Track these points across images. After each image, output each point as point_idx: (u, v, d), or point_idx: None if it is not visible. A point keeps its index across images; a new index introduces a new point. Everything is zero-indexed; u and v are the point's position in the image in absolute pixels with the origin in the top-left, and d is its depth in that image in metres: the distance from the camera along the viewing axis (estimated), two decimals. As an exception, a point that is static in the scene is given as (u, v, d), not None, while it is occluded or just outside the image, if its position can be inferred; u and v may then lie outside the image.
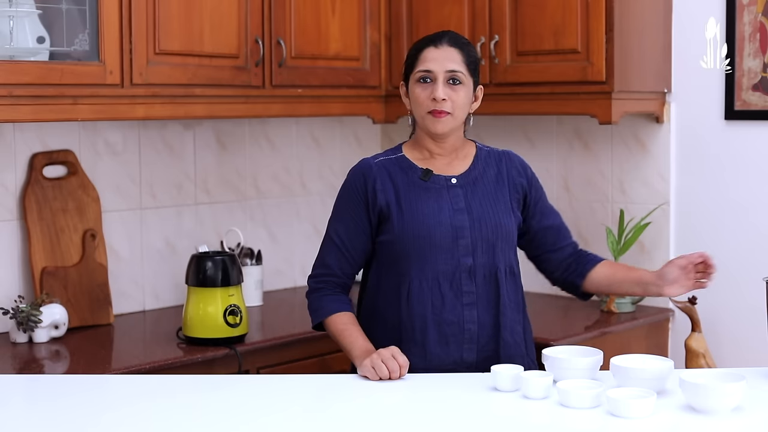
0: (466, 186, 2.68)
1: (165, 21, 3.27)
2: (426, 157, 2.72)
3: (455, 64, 2.64)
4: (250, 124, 3.98)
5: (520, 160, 2.81)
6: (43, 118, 3.06)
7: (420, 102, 2.65)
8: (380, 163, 2.71)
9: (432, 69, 2.63)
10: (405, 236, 2.62)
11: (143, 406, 2.34)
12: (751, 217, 3.62)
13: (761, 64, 3.54)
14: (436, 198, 2.65)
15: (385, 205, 2.65)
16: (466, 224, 2.63)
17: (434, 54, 2.64)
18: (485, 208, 2.66)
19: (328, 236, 2.73)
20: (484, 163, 2.74)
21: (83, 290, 3.42)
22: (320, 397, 2.40)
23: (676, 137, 3.75)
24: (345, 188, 2.72)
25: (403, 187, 2.66)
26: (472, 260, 2.62)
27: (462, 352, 2.62)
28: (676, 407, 2.24)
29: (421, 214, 2.63)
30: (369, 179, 2.67)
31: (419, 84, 2.65)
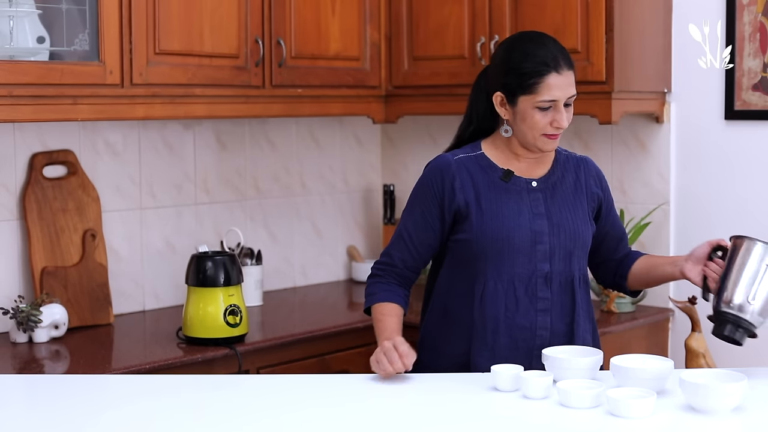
0: (545, 190, 2.66)
1: (165, 21, 3.28)
2: (508, 157, 2.67)
3: (573, 88, 2.59)
4: (250, 124, 3.98)
5: (597, 168, 2.79)
6: (43, 118, 3.06)
7: (539, 127, 2.58)
8: (460, 160, 2.65)
9: (558, 98, 2.56)
10: (484, 237, 2.59)
11: (143, 406, 2.34)
12: (752, 216, 3.62)
13: (761, 64, 3.54)
14: (517, 200, 2.62)
15: (463, 203, 2.61)
16: (546, 230, 2.61)
17: (558, 81, 2.55)
18: (564, 215, 2.64)
19: (398, 229, 2.71)
20: (563, 168, 2.71)
21: (83, 290, 3.42)
22: (320, 397, 2.40)
23: (676, 137, 3.75)
24: (421, 183, 2.68)
25: (484, 187, 2.62)
26: (549, 266, 2.60)
27: (531, 359, 2.58)
28: (676, 407, 2.24)
29: (501, 216, 2.60)
30: (447, 177, 2.63)
31: (539, 110, 2.57)
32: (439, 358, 2.67)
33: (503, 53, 2.65)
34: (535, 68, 2.56)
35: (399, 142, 4.37)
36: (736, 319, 2.47)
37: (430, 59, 3.86)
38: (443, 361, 2.65)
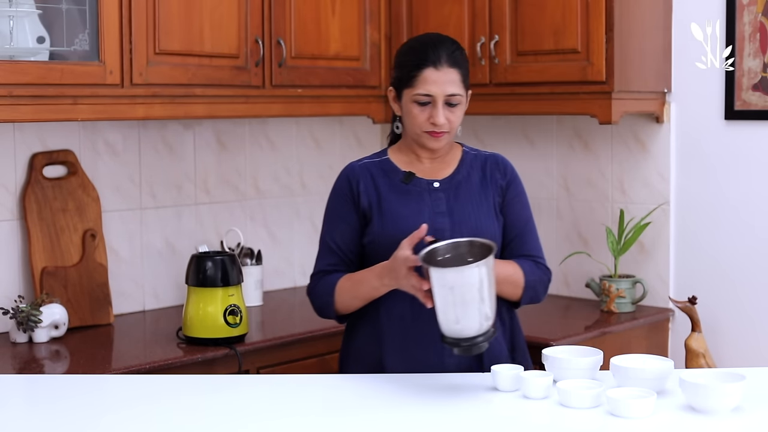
0: (448, 190, 2.65)
1: (165, 21, 3.28)
2: (412, 160, 2.70)
3: (455, 87, 2.59)
4: (250, 124, 3.98)
5: (505, 162, 2.75)
6: (43, 118, 3.06)
7: (418, 122, 2.60)
8: (364, 165, 2.70)
9: (433, 93, 2.58)
10: (384, 238, 2.59)
11: (143, 407, 2.34)
12: (751, 216, 3.62)
13: (761, 64, 3.54)
14: (417, 201, 2.63)
15: (367, 206, 2.64)
16: (447, 227, 2.60)
17: (435, 76, 2.57)
18: (467, 212, 2.63)
19: (322, 243, 2.71)
20: (469, 167, 2.70)
21: (83, 290, 3.42)
22: (320, 397, 2.40)
23: (676, 137, 3.75)
24: (334, 193, 2.72)
25: (385, 190, 2.65)
26: None
27: (443, 357, 2.58)
28: (676, 407, 2.24)
29: (400, 217, 2.60)
30: (353, 181, 2.67)
31: (417, 105, 2.60)
32: (357, 363, 2.66)
33: (399, 48, 2.71)
34: (415, 61, 2.60)
35: (399, 142, 4.37)
36: (456, 342, 2.36)
37: (430, 59, 3.86)
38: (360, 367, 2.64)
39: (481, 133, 4.18)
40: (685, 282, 3.76)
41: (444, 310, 2.33)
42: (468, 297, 2.30)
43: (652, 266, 3.81)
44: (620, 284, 3.70)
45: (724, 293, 3.67)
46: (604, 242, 3.82)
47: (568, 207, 3.99)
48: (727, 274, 3.67)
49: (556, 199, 4.02)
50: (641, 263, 3.82)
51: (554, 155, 4.01)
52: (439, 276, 2.31)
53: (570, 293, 3.99)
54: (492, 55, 3.71)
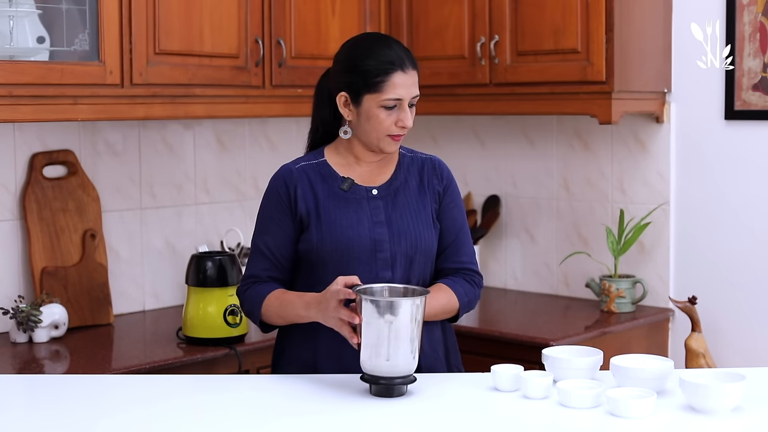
0: (386, 197, 2.61)
1: (165, 21, 3.28)
2: (350, 163, 2.64)
3: (417, 88, 2.58)
4: (250, 124, 3.98)
5: (442, 166, 2.69)
6: (43, 118, 3.06)
7: (384, 127, 2.55)
8: (301, 168, 2.62)
9: (402, 97, 2.54)
10: (323, 247, 2.55)
11: (143, 407, 2.34)
12: (751, 216, 3.62)
13: (761, 64, 3.54)
14: (356, 209, 2.58)
15: (305, 213, 2.58)
16: (386, 237, 2.56)
17: (403, 80, 2.53)
18: (405, 221, 2.59)
19: (254, 247, 2.64)
20: (406, 172, 2.66)
21: (83, 290, 3.42)
22: (320, 397, 2.40)
23: (676, 137, 3.75)
24: (267, 196, 2.64)
25: (323, 196, 2.59)
26: (390, 274, 2.55)
27: None
28: (676, 407, 2.24)
29: (339, 226, 2.56)
30: (290, 185, 2.60)
31: (384, 109, 2.54)
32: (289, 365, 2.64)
33: (347, 52, 2.62)
34: (381, 66, 2.54)
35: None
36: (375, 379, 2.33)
37: (430, 59, 3.86)
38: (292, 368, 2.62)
39: (481, 133, 4.18)
40: (685, 282, 3.76)
41: (376, 345, 2.29)
42: (402, 333, 2.28)
43: (652, 266, 3.81)
44: (620, 284, 3.70)
45: (724, 293, 3.67)
46: (604, 242, 3.82)
47: (568, 207, 3.99)
48: (726, 274, 3.67)
49: (556, 199, 4.02)
50: (641, 263, 3.82)
51: (554, 155, 4.01)
52: (375, 308, 2.28)
53: (570, 293, 3.99)
54: (492, 55, 3.71)
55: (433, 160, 2.70)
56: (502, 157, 4.15)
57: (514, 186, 4.11)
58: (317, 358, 2.59)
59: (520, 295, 4.06)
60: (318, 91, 2.73)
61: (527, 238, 4.10)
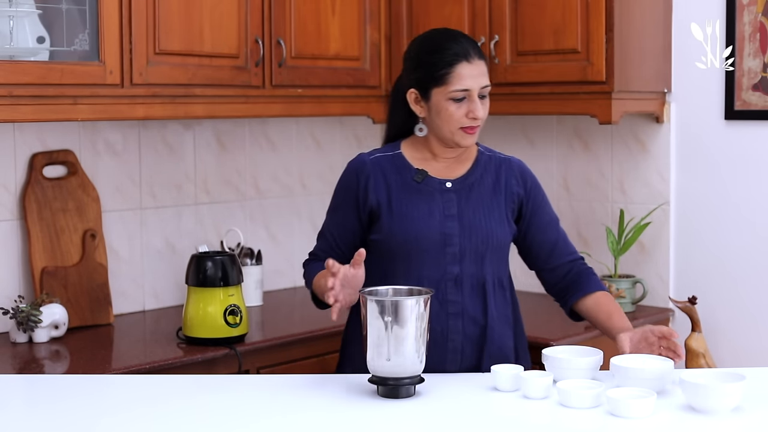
0: (460, 191, 2.62)
1: (165, 21, 3.28)
2: (426, 158, 2.65)
3: (486, 78, 2.58)
4: (250, 124, 3.98)
5: (522, 168, 2.72)
6: (43, 118, 3.06)
7: (455, 119, 2.56)
8: (375, 159, 2.65)
9: (470, 87, 2.55)
10: (393, 238, 2.57)
11: (143, 407, 2.34)
12: (751, 216, 3.62)
13: (761, 64, 3.54)
14: (428, 201, 2.59)
15: (376, 204, 2.61)
16: (456, 231, 2.57)
17: (469, 71, 2.55)
18: (477, 217, 2.59)
19: (323, 227, 2.74)
20: (483, 169, 2.66)
21: (83, 290, 3.42)
22: (320, 397, 2.40)
23: (676, 137, 3.75)
24: (340, 184, 2.70)
25: (396, 187, 2.61)
26: (459, 269, 2.56)
27: (445, 363, 2.58)
28: (676, 407, 2.24)
29: (410, 217, 2.57)
30: (361, 177, 2.63)
31: (453, 102, 2.55)
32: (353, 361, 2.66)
33: (414, 48, 2.65)
34: (446, 58, 2.56)
35: (399, 142, 4.37)
36: (382, 380, 2.33)
37: (430, 59, 3.86)
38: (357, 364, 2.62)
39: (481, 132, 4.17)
40: (685, 282, 3.76)
41: (377, 345, 2.30)
42: (404, 333, 2.29)
43: (652, 266, 3.81)
44: (620, 284, 3.70)
45: (724, 293, 3.67)
46: (604, 242, 3.82)
47: (568, 207, 3.99)
48: (727, 274, 3.67)
49: (556, 199, 4.01)
50: (641, 263, 3.82)
51: (554, 155, 4.01)
52: (376, 308, 2.29)
53: (570, 293, 3.99)
54: (492, 55, 3.71)
55: (512, 162, 2.71)
56: (502, 157, 4.15)
57: (514, 186, 4.11)
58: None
59: (520, 295, 4.03)
60: (393, 92, 2.75)
61: (527, 238, 4.09)
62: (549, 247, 2.71)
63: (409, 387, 2.33)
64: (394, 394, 2.32)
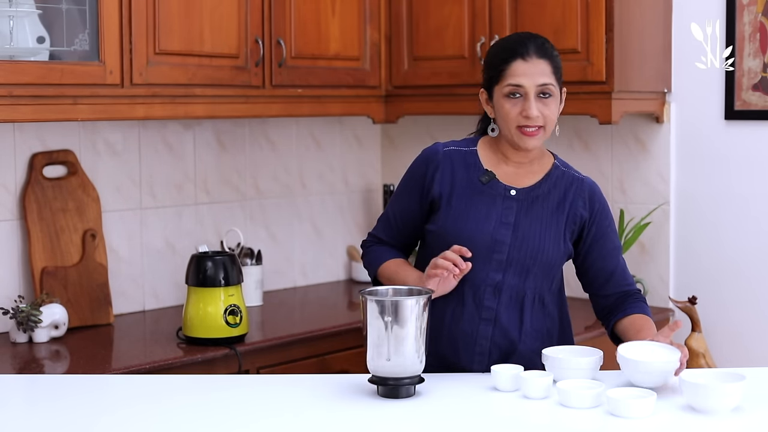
0: (523, 201, 2.58)
1: (165, 21, 3.28)
2: (498, 159, 2.63)
3: (546, 77, 2.54)
4: (250, 124, 3.98)
5: (593, 190, 2.64)
6: (43, 118, 3.06)
7: (510, 118, 2.54)
8: (449, 152, 2.63)
9: (523, 84, 2.52)
10: (446, 233, 2.57)
11: (143, 407, 2.34)
12: (752, 216, 3.62)
13: (761, 64, 3.54)
14: (488, 204, 2.57)
15: (438, 195, 2.60)
16: (507, 240, 2.55)
17: (524, 68, 2.52)
18: (533, 230, 2.56)
19: (386, 211, 2.75)
20: (552, 184, 2.61)
21: (83, 290, 3.42)
22: (320, 397, 2.40)
23: (676, 137, 3.75)
24: (410, 169, 2.69)
25: (460, 184, 2.59)
26: (501, 277, 2.55)
27: (472, 364, 2.58)
28: (676, 407, 2.24)
29: (466, 217, 2.56)
30: (431, 166, 2.62)
31: (508, 99, 2.54)
32: None
33: (488, 52, 2.68)
34: (502, 55, 2.57)
35: (399, 142, 4.37)
36: (382, 380, 2.33)
37: (430, 59, 3.86)
38: None
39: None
40: (685, 282, 3.76)
41: (377, 345, 2.30)
42: (403, 333, 2.29)
43: (652, 266, 3.81)
44: (620, 284, 3.69)
45: (724, 293, 3.67)
46: (604, 242, 3.82)
47: (568, 207, 3.98)
48: (727, 274, 3.67)
49: (556, 199, 4.01)
50: (641, 263, 3.82)
51: (554, 155, 4.01)
52: (375, 308, 2.29)
53: (570, 293, 3.95)
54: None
55: (585, 182, 2.65)
56: (502, 157, 4.15)
57: (514, 186, 4.11)
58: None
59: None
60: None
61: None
62: (606, 276, 2.67)
63: (409, 387, 2.33)
64: (394, 394, 2.32)
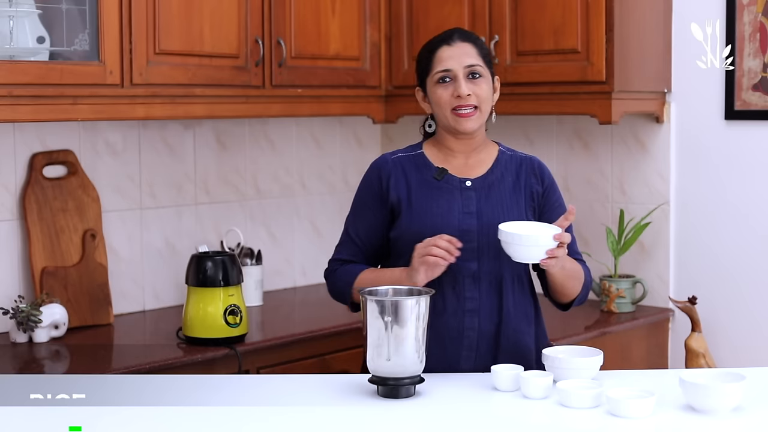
0: (480, 190, 2.63)
1: (165, 21, 3.28)
2: (446, 155, 2.67)
3: (472, 58, 2.61)
4: (250, 124, 3.98)
5: (541, 166, 2.71)
6: (43, 118, 3.06)
7: (443, 102, 2.60)
8: (397, 159, 2.68)
9: (451, 67, 2.59)
10: (411, 234, 2.58)
11: (143, 407, 2.34)
12: (751, 216, 3.62)
13: (761, 64, 3.54)
14: (448, 198, 2.61)
15: (396, 201, 2.62)
16: (474, 228, 2.58)
17: (449, 52, 2.61)
18: (496, 214, 2.59)
19: (345, 230, 2.73)
20: (503, 168, 2.67)
21: (83, 290, 3.42)
22: (320, 397, 2.40)
23: (676, 137, 3.75)
24: (362, 183, 2.71)
25: (416, 185, 2.63)
26: (477, 265, 2.57)
27: (459, 359, 2.58)
28: (676, 407, 2.24)
29: (429, 214, 2.59)
30: (383, 174, 2.65)
31: (439, 85, 2.61)
32: None
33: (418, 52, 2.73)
34: (429, 47, 2.65)
35: (399, 142, 4.35)
36: (382, 380, 2.33)
37: (430, 59, 3.86)
38: None
39: (481, 133, 4.18)
40: (685, 282, 3.76)
41: (377, 345, 2.30)
42: (404, 333, 2.29)
43: (652, 266, 3.81)
44: (620, 284, 3.70)
45: (724, 293, 3.67)
46: (604, 242, 3.82)
47: (568, 207, 3.98)
48: (727, 274, 3.67)
49: (556, 199, 4.01)
50: (641, 263, 3.82)
51: (554, 155, 4.01)
52: (375, 308, 2.29)
53: (570, 293, 3.99)
54: (492, 56, 3.70)
55: (532, 160, 2.72)
56: (502, 157, 4.15)
57: (514, 186, 4.11)
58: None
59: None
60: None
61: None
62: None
63: (409, 387, 2.33)
64: (394, 394, 2.32)
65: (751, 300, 3.63)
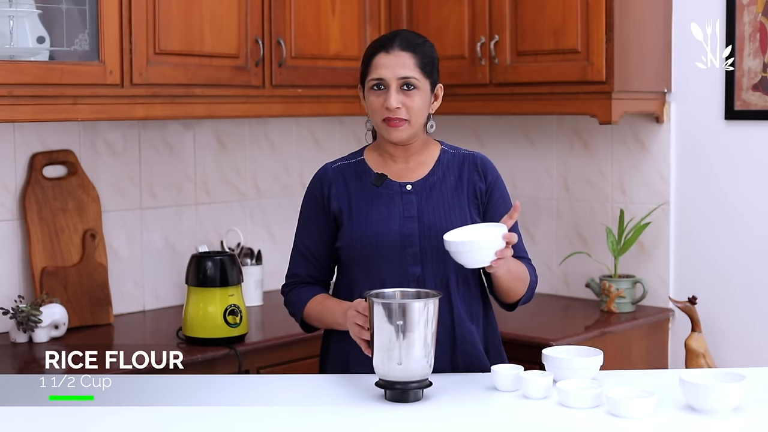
0: (421, 192, 2.59)
1: (165, 21, 3.28)
2: (386, 160, 2.63)
3: (407, 70, 2.53)
4: (250, 124, 3.98)
5: (485, 162, 2.65)
6: (43, 118, 3.06)
7: (375, 109, 2.56)
8: (337, 168, 2.64)
9: (384, 76, 2.53)
10: (353, 243, 2.56)
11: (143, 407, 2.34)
12: (751, 216, 3.62)
13: (761, 64, 3.54)
14: (388, 204, 2.57)
15: (338, 211, 2.59)
16: (416, 232, 2.55)
17: (385, 60, 2.53)
18: (438, 216, 2.56)
19: (294, 247, 2.68)
20: (445, 168, 2.62)
21: (83, 290, 3.42)
22: (320, 397, 2.40)
23: (676, 137, 3.75)
24: (306, 196, 2.67)
25: (356, 193, 2.60)
26: (420, 269, 2.54)
27: None
28: (676, 407, 2.24)
29: (369, 221, 2.56)
30: (325, 185, 2.62)
31: (373, 91, 2.55)
32: (333, 365, 2.64)
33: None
34: (370, 50, 2.59)
35: (399, 142, 4.37)
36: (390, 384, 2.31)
37: (430, 59, 3.86)
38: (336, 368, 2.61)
39: (481, 133, 4.18)
40: (685, 282, 3.76)
41: (387, 349, 2.28)
42: (414, 336, 2.27)
43: (652, 266, 3.81)
44: (620, 284, 3.70)
45: (724, 293, 3.67)
46: (604, 242, 3.82)
47: (568, 207, 3.99)
48: (726, 274, 3.67)
49: (556, 199, 4.02)
50: (641, 263, 3.82)
51: (554, 155, 4.01)
52: (385, 312, 2.27)
53: (570, 293, 3.99)
54: (492, 55, 3.71)
55: (475, 156, 2.66)
56: (502, 157, 4.14)
57: (514, 186, 4.10)
58: (349, 360, 2.57)
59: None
60: None
61: (527, 238, 4.09)
62: None
63: (417, 391, 2.31)
64: (403, 399, 2.30)
65: (751, 300, 3.63)
